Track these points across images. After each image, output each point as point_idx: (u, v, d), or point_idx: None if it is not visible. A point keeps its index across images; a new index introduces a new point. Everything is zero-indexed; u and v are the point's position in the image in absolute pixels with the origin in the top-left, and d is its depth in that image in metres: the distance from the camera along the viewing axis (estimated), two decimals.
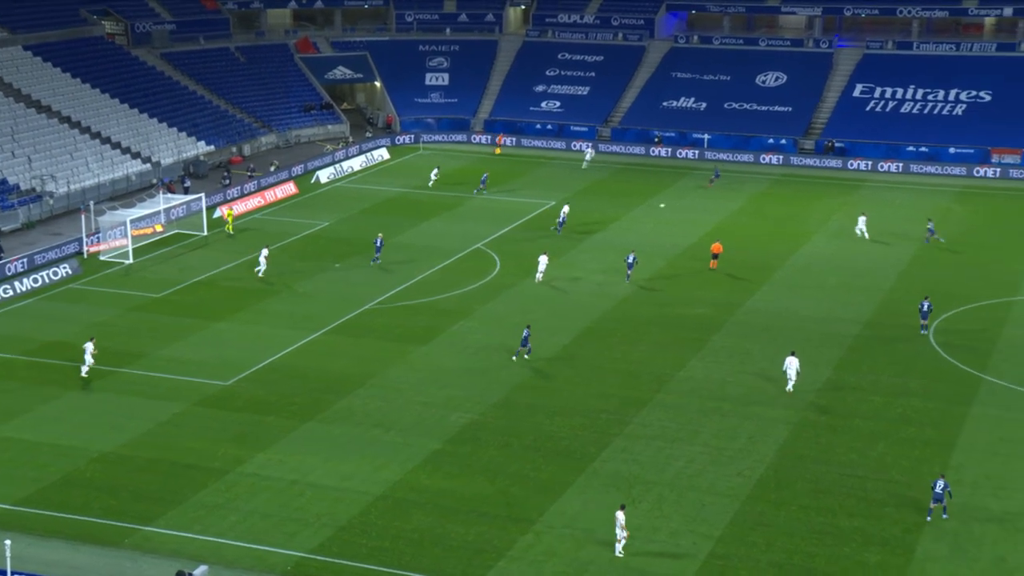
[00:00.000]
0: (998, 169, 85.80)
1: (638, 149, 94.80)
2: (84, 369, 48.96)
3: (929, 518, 37.36)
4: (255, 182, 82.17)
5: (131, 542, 36.61)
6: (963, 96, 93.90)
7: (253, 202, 78.20)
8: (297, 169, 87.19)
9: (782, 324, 55.02)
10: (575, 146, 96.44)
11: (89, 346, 49.21)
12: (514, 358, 50.91)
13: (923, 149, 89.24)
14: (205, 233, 70.95)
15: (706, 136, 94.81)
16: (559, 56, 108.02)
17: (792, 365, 47.22)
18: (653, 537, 36.61)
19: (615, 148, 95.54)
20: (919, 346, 51.98)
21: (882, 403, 46.18)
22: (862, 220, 69.31)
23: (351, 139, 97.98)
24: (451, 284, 61.50)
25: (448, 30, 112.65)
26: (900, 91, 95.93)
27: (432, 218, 74.83)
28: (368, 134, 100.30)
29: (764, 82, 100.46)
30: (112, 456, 42.32)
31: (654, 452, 42.36)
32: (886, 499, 38.71)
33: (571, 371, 49.84)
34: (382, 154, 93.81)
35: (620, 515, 35.33)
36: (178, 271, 64.05)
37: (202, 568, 33.20)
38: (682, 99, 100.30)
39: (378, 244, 65.35)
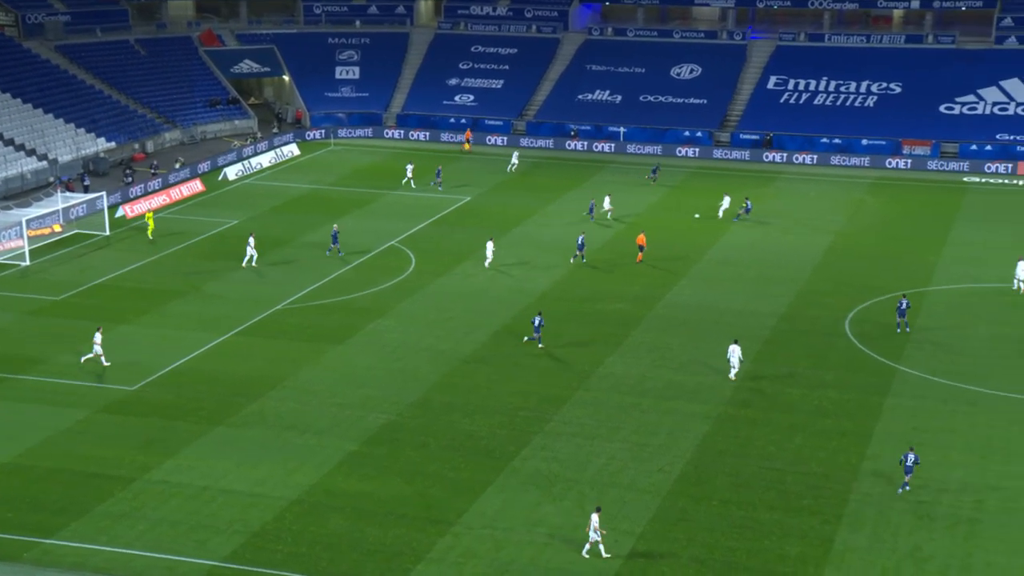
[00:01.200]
0: (909, 160, 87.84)
1: (553, 143, 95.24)
2: (86, 357, 49.73)
3: (900, 491, 38.78)
4: (159, 180, 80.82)
5: (31, 556, 35.72)
6: (874, 88, 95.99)
7: (157, 200, 76.89)
8: (203, 166, 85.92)
9: (700, 318, 55.69)
10: (489, 140, 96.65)
11: (98, 336, 49.68)
12: (527, 340, 52.11)
13: (836, 141, 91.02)
14: (107, 233, 69.57)
15: (622, 129, 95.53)
16: (472, 49, 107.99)
17: (735, 353, 47.96)
18: (575, 535, 36.76)
19: (530, 142, 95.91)
20: (835, 338, 52.99)
21: (800, 396, 47.00)
22: (726, 200, 73.48)
23: (259, 135, 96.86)
24: (365, 282, 61.14)
25: (358, 22, 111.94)
26: (813, 83, 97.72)
27: (345, 215, 74.31)
28: (276, 130, 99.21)
29: (679, 74, 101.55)
30: (8, 467, 41.25)
31: (574, 449, 42.59)
32: (804, 491, 39.39)
33: (489, 369, 49.88)
34: (292, 150, 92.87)
35: (595, 517, 35.37)
36: (79, 272, 62.71)
37: None
38: (597, 92, 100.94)
39: (334, 234, 65.62)
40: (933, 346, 51.81)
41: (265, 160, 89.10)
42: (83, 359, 49.97)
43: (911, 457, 38.93)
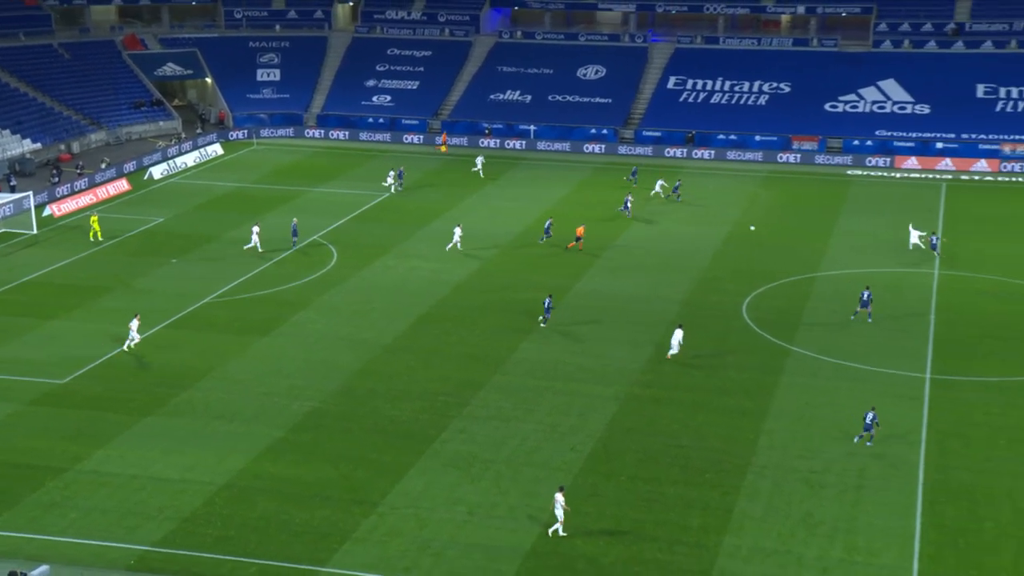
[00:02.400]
0: (798, 155, 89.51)
1: (467, 141, 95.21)
2: (127, 344, 49.75)
3: (856, 440, 41.10)
4: (86, 179, 79.07)
5: None
6: (765, 87, 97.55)
7: (84, 199, 75.24)
8: (129, 166, 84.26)
9: (608, 305, 56.18)
10: (406, 139, 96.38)
11: (135, 323, 49.77)
12: (543, 325, 52.59)
13: (732, 137, 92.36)
14: (35, 231, 67.92)
15: (532, 127, 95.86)
16: (388, 52, 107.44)
17: (676, 336, 48.77)
18: (492, 513, 36.96)
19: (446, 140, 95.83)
20: (733, 322, 53.85)
21: (701, 376, 47.69)
22: (658, 184, 75.60)
23: (183, 135, 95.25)
24: (290, 276, 60.57)
25: (278, 27, 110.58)
26: (709, 83, 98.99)
27: (269, 212, 73.47)
28: (200, 130, 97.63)
29: (585, 75, 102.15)
30: None
31: (491, 431, 42.74)
32: (707, 466, 40.03)
33: (410, 356, 49.78)
34: (216, 150, 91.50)
35: (559, 496, 35.45)
36: (7, 270, 61.13)
37: (42, 568, 31.89)
38: (508, 92, 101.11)
39: (294, 228, 65.22)
40: (822, 328, 52.92)
41: (190, 160, 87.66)
42: (125, 346, 49.96)
43: (870, 416, 40.87)
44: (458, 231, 65.15)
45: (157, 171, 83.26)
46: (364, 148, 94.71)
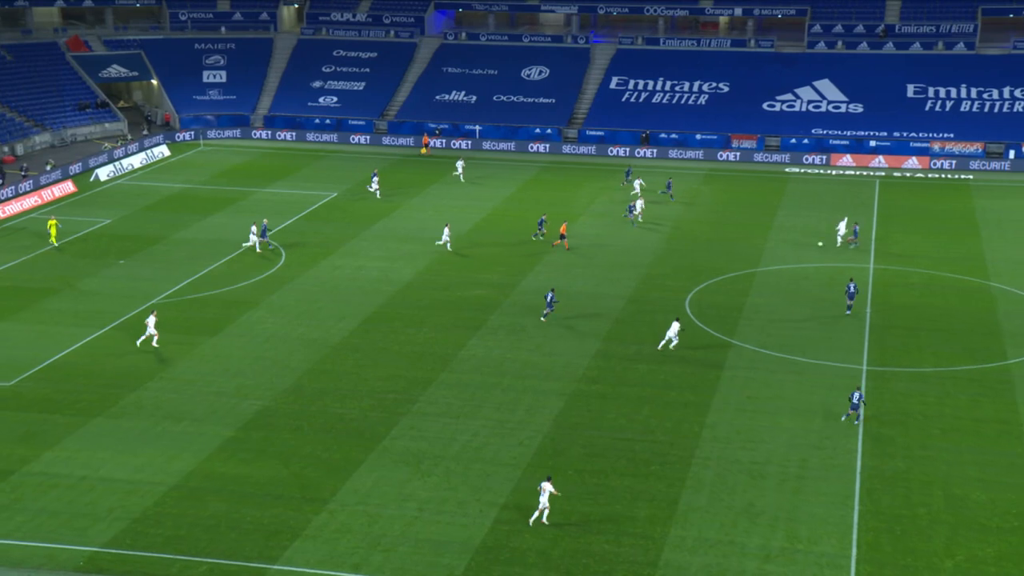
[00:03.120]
0: (738, 153, 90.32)
1: (413, 141, 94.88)
2: (143, 339, 49.78)
3: (843, 418, 42.53)
4: (31, 181, 77.62)
5: None
6: (705, 87, 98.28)
7: (29, 201, 73.86)
8: (75, 168, 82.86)
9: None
10: (352, 139, 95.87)
11: (151, 319, 49.62)
12: (542, 319, 53.05)
13: (674, 136, 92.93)
14: None
15: (477, 127, 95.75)
16: (334, 53, 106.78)
17: (673, 328, 49.39)
18: (443, 508, 36.85)
19: (392, 140, 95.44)
20: (676, 316, 54.09)
21: (646, 371, 47.91)
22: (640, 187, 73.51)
23: (129, 137, 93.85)
24: (238, 276, 59.92)
25: (223, 28, 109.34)
26: (651, 83, 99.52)
27: (216, 212, 72.66)
28: (146, 132, 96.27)
29: (529, 76, 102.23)
30: None
31: (440, 428, 42.60)
32: (652, 458, 40.23)
33: (359, 355, 49.48)
34: (162, 151, 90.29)
35: (548, 485, 35.69)
36: None
37: None
38: (453, 93, 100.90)
39: (264, 227, 64.31)
40: (763, 322, 53.41)
41: (136, 161, 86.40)
42: (138, 342, 49.71)
43: (856, 395, 42.32)
44: (447, 230, 64.75)
45: (103, 173, 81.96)
46: (311, 149, 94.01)
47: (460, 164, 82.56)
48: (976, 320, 53.30)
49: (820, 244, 65.50)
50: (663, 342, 49.66)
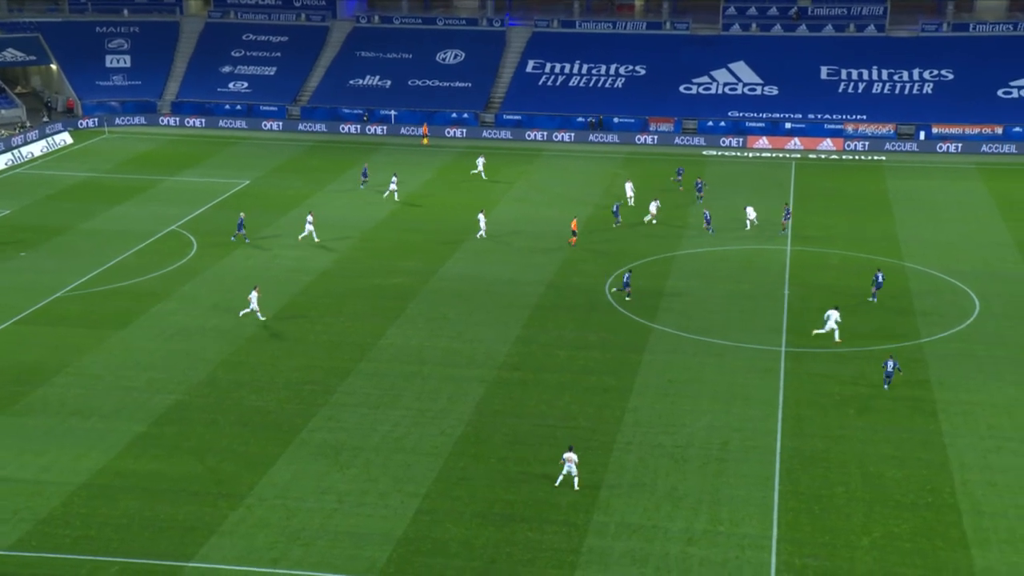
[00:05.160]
0: (656, 136, 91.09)
1: (327, 127, 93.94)
2: (246, 312, 51.23)
3: (886, 387, 44.20)
4: None
5: None
6: (622, 70, 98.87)
7: None
8: None
9: (474, 288, 56.22)
10: (264, 126, 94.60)
11: (254, 295, 50.78)
12: (628, 299, 53.45)
13: (591, 119, 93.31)
14: None
15: (393, 112, 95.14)
16: (244, 37, 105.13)
17: (832, 317, 49.09)
18: (363, 500, 36.64)
19: (306, 127, 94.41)
20: (596, 302, 54.51)
21: (566, 357, 48.15)
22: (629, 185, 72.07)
23: (28, 124, 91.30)
24: (147, 267, 58.77)
25: (126, 11, 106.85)
26: (568, 66, 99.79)
27: (124, 202, 71.13)
28: (46, 119, 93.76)
29: (444, 59, 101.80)
30: None
31: (359, 419, 42.33)
32: (574, 445, 40.39)
33: (275, 346, 48.90)
34: (64, 139, 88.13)
35: (571, 455, 36.83)
36: None
37: None
38: (367, 77, 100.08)
39: (240, 221, 62.83)
40: (683, 305, 54.01)
41: (36, 149, 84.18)
42: (242, 313, 50.74)
43: (891, 364, 44.18)
44: (482, 218, 63.85)
45: (0, 161, 79.64)
46: (222, 135, 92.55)
47: (480, 160, 78.78)
48: (891, 300, 54.55)
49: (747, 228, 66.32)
50: (824, 331, 49.10)
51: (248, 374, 46.03)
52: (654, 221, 66.98)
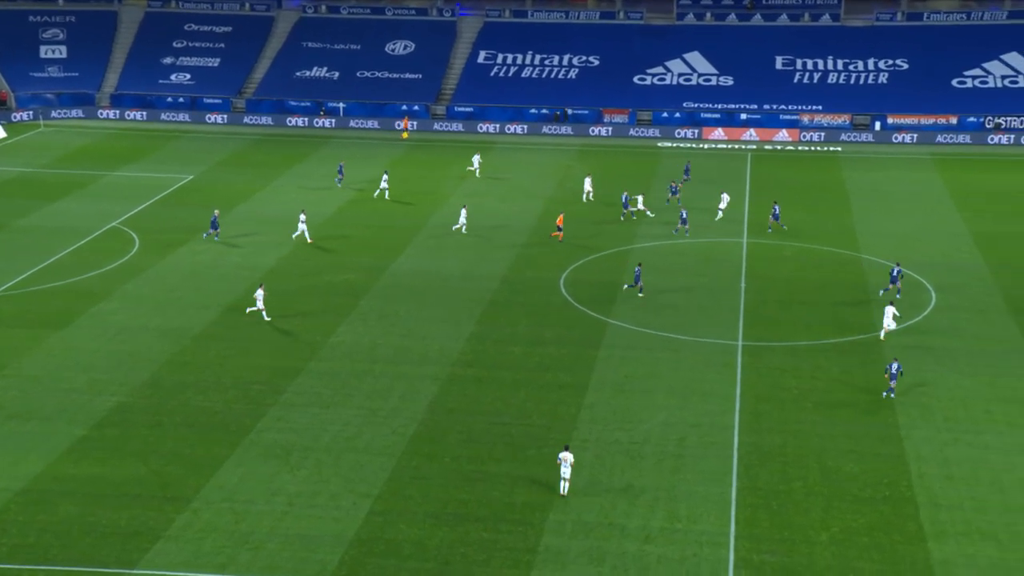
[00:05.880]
0: (610, 128, 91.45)
1: (273, 120, 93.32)
2: (257, 308, 51.00)
3: (887, 395, 43.46)
4: None
5: None
6: (575, 61, 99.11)
7: None
8: None
9: (426, 284, 56.13)
10: (208, 119, 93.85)
11: (260, 293, 50.62)
12: (640, 295, 53.82)
13: (544, 111, 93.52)
14: None
15: (342, 104, 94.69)
16: (186, 27, 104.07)
17: (889, 313, 48.95)
18: (314, 501, 36.49)
19: (252, 119, 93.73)
20: (551, 297, 54.64)
21: (521, 353, 48.22)
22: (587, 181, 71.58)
23: None
24: (87, 265, 58.05)
25: (61, 0, 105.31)
26: (520, 57, 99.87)
27: (61, 198, 70.19)
28: None
29: (394, 50, 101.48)
30: None
31: (310, 418, 42.13)
32: (529, 442, 40.55)
33: (221, 345, 48.52)
34: None
35: (567, 455, 36.43)
36: None
37: None
38: (315, 69, 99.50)
39: (214, 219, 62.01)
40: (639, 300, 54.28)
41: None
42: (248, 310, 50.81)
43: (895, 366, 43.22)
44: (464, 212, 64.01)
45: None
46: (164, 129, 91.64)
47: (476, 158, 77.90)
48: (847, 292, 55.21)
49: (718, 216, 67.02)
50: (887, 329, 49.16)
51: (194, 374, 45.64)
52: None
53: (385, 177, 71.86)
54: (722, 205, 66.83)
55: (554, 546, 34.30)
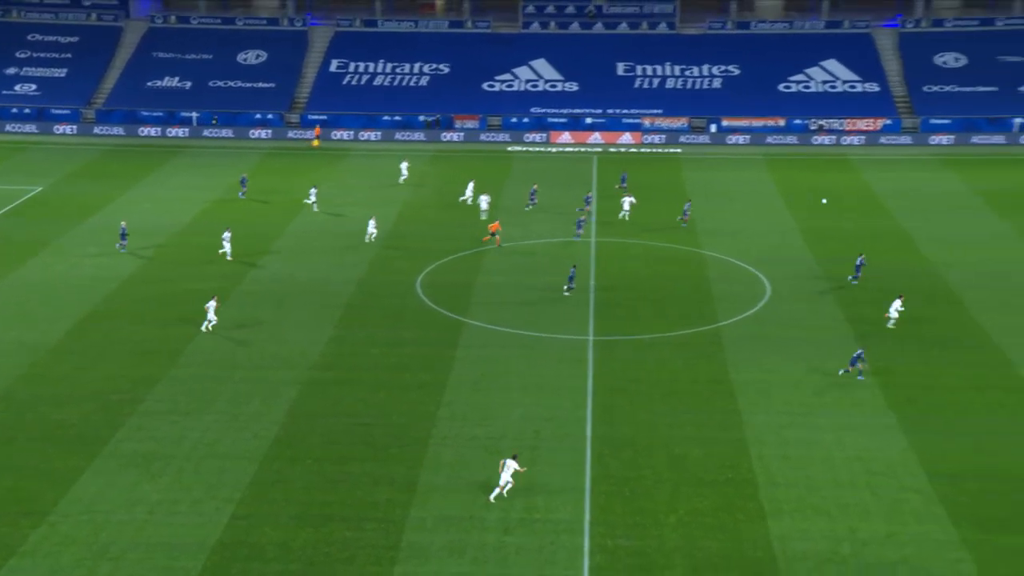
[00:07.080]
0: (462, 133, 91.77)
1: (124, 130, 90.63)
2: (205, 326, 49.11)
3: (840, 373, 45.65)
4: None
5: None
6: (426, 69, 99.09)
7: None
8: None
9: (285, 290, 55.39)
10: (57, 130, 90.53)
11: (212, 304, 49.01)
12: (567, 294, 54.08)
13: (397, 118, 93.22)
14: None
15: (194, 114, 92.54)
16: (29, 37, 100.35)
17: (895, 306, 50.77)
18: (176, 509, 35.65)
19: (103, 130, 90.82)
20: (408, 299, 54.57)
21: (380, 354, 48.04)
22: (470, 185, 71.39)
23: None
24: None
25: None
26: (371, 65, 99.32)
27: None
28: None
29: (246, 60, 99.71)
30: None
31: (170, 426, 41.12)
32: (390, 441, 40.45)
33: (77, 357, 46.90)
34: None
35: (512, 463, 35.95)
36: None
37: None
38: (166, 79, 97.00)
39: (123, 231, 59.65)
40: (493, 299, 54.67)
41: None
42: (203, 327, 49.26)
43: (859, 352, 45.44)
44: (373, 222, 62.99)
45: None
46: (9, 140, 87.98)
47: (404, 165, 76.71)
48: (690, 287, 56.73)
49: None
50: (891, 321, 50.70)
51: (49, 387, 44.00)
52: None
53: (314, 191, 70.09)
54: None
55: (416, 542, 34.33)
